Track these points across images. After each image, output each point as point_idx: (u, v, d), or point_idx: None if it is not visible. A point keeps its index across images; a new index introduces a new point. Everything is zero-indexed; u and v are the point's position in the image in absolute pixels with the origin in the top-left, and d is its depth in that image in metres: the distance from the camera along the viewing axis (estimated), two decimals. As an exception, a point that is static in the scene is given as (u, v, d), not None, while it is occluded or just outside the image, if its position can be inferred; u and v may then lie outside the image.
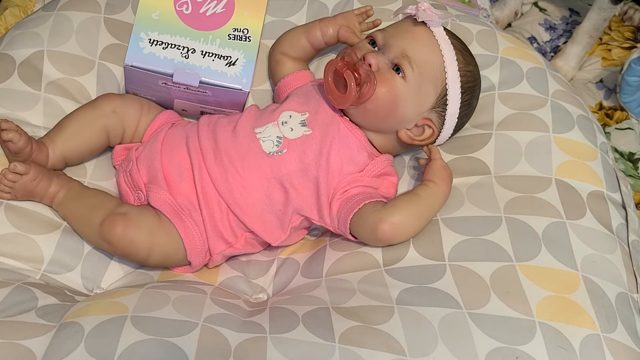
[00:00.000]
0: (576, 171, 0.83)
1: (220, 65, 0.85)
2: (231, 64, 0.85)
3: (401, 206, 0.76)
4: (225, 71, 0.85)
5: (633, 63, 1.23)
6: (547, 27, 1.46)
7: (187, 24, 0.85)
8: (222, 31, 0.86)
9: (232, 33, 0.86)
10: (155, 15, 0.84)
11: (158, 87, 0.86)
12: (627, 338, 0.70)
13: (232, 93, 0.85)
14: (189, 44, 0.85)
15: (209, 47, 0.85)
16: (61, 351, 0.63)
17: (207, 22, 0.86)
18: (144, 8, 0.85)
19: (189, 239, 0.78)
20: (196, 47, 0.85)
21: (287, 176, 0.79)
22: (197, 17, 0.85)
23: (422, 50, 0.79)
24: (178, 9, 0.85)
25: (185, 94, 0.87)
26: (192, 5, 0.86)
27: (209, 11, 0.86)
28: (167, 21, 0.85)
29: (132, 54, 0.83)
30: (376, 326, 0.68)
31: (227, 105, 0.89)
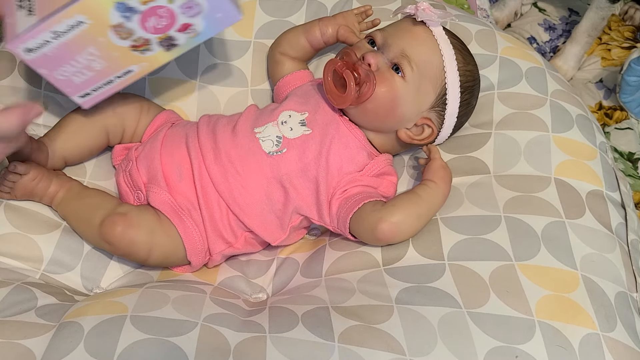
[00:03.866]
0: (575, 170, 0.84)
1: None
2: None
3: (400, 206, 0.76)
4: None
5: (633, 63, 1.23)
6: (546, 27, 1.46)
7: None
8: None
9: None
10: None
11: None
12: (627, 337, 0.70)
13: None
14: None
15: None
16: (61, 351, 0.63)
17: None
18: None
19: (189, 239, 0.78)
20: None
21: (286, 176, 0.79)
22: None
23: (422, 49, 0.79)
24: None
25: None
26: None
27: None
28: None
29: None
30: (376, 325, 0.68)
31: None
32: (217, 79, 0.93)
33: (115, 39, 0.70)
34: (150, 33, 0.70)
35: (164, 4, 0.68)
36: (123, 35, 0.69)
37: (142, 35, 0.70)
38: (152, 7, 0.68)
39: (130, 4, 0.67)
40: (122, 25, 0.68)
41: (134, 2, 0.67)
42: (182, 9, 0.69)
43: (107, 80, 0.74)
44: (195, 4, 0.69)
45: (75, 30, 0.67)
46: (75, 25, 0.67)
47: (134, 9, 0.67)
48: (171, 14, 0.69)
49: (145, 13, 0.68)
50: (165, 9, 0.68)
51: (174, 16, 0.69)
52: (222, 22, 0.72)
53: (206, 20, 0.71)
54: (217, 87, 0.93)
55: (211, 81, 0.93)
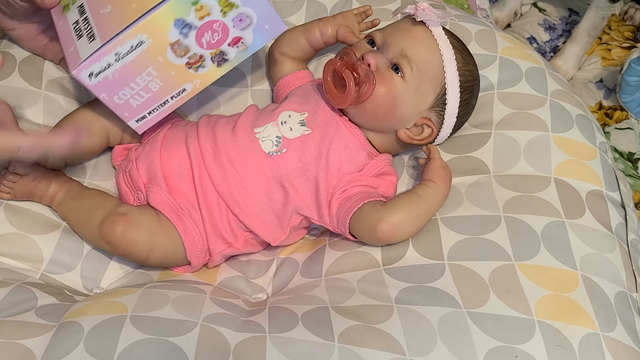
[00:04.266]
0: (575, 170, 0.83)
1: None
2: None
3: (400, 205, 0.76)
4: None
5: (633, 63, 1.23)
6: (546, 27, 1.47)
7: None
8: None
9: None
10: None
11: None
12: (627, 337, 0.70)
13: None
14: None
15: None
16: (61, 351, 0.63)
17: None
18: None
19: (189, 239, 0.78)
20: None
21: (286, 176, 0.79)
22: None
23: (421, 49, 0.79)
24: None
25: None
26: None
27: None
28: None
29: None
30: (375, 325, 0.68)
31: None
32: (217, 80, 0.93)
33: (172, 57, 0.72)
34: (204, 49, 0.73)
35: (219, 18, 0.70)
36: (180, 52, 0.72)
37: (197, 52, 0.72)
38: (208, 22, 0.70)
39: (188, 19, 0.69)
40: (179, 42, 0.71)
41: (191, 18, 0.69)
42: (234, 22, 0.72)
43: (162, 101, 0.76)
44: (246, 17, 0.72)
45: (137, 51, 0.70)
46: (137, 45, 0.69)
47: (191, 24, 0.70)
48: (224, 28, 0.72)
49: (201, 28, 0.71)
50: (219, 23, 0.71)
51: (226, 30, 0.72)
52: (269, 34, 0.75)
53: (255, 33, 0.74)
54: (217, 88, 0.93)
55: (211, 81, 0.93)
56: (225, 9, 0.70)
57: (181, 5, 0.68)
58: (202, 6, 0.69)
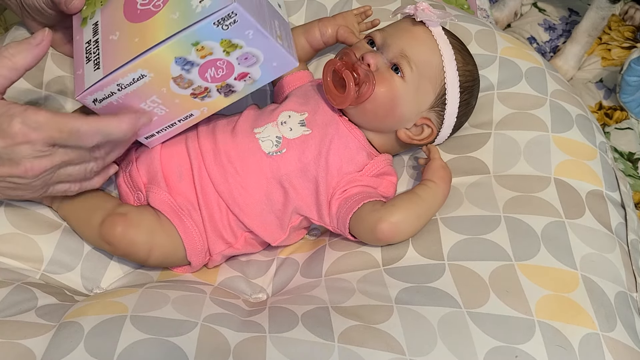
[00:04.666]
0: (575, 170, 0.83)
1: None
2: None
3: (400, 205, 0.76)
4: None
5: (633, 63, 1.24)
6: (546, 27, 1.47)
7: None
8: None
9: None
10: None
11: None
12: (627, 337, 0.70)
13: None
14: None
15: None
16: (61, 350, 0.63)
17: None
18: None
19: (189, 239, 0.78)
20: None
21: (286, 176, 0.79)
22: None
23: (421, 49, 0.79)
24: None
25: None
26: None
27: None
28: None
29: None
30: (375, 325, 0.68)
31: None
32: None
33: (176, 89, 0.72)
34: (209, 82, 0.72)
35: (222, 57, 0.70)
36: (183, 85, 0.72)
37: (202, 84, 0.72)
38: (211, 60, 0.70)
39: (189, 58, 0.69)
40: (182, 77, 0.71)
41: (192, 57, 0.69)
42: (239, 60, 0.71)
43: (170, 124, 0.77)
44: (252, 55, 0.71)
45: (139, 83, 0.70)
46: (139, 78, 0.69)
47: (193, 62, 0.69)
48: (229, 65, 0.71)
49: (204, 65, 0.70)
50: (223, 61, 0.71)
51: (231, 67, 0.72)
52: (278, 70, 0.74)
53: (262, 69, 0.73)
54: (217, 88, 0.93)
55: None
56: (228, 50, 0.69)
57: (181, 45, 0.68)
58: (204, 47, 0.68)
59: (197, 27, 0.67)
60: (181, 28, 0.67)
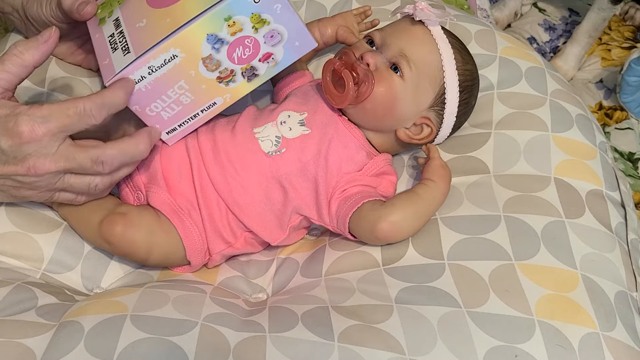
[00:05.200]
0: (575, 170, 0.83)
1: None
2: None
3: (400, 205, 0.76)
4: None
5: (633, 63, 1.24)
6: (546, 27, 1.47)
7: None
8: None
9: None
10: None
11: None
12: (627, 336, 0.70)
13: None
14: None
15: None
16: (61, 350, 0.63)
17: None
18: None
19: (189, 239, 0.78)
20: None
21: (286, 176, 0.79)
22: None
23: (420, 49, 0.79)
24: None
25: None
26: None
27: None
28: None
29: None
30: (375, 325, 0.68)
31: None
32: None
33: (204, 71, 0.72)
34: (235, 64, 0.73)
35: (250, 34, 0.71)
36: (211, 67, 0.72)
37: (228, 66, 0.73)
38: (240, 37, 0.71)
39: (220, 35, 0.69)
40: (211, 57, 0.71)
41: (223, 34, 0.69)
42: (266, 39, 0.72)
43: (193, 114, 0.77)
44: (277, 33, 0.72)
45: (170, 65, 0.70)
46: (170, 59, 0.70)
47: (224, 40, 0.70)
48: (256, 44, 0.72)
49: (233, 44, 0.71)
50: (251, 39, 0.71)
51: (258, 46, 0.72)
52: (299, 50, 0.75)
53: (285, 49, 0.74)
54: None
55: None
56: (257, 25, 0.70)
57: (214, 20, 0.68)
58: (235, 22, 0.69)
59: (230, 1, 0.67)
60: (214, 2, 0.68)
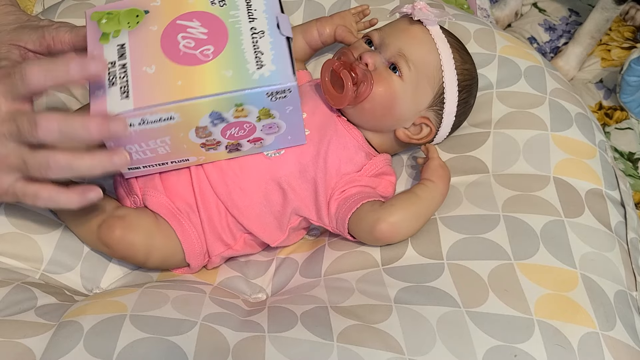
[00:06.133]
0: (574, 169, 0.83)
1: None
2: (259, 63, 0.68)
3: (399, 205, 0.76)
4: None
5: (633, 63, 1.24)
6: (546, 27, 1.47)
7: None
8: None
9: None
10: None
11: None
12: (626, 336, 0.70)
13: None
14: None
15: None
16: (60, 350, 0.63)
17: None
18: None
19: (187, 242, 0.78)
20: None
21: (285, 177, 0.79)
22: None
23: (419, 49, 0.79)
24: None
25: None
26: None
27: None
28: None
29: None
30: (374, 325, 0.68)
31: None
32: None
33: (192, 137, 0.71)
34: (225, 138, 0.72)
35: (252, 121, 0.70)
36: (201, 135, 0.71)
37: (217, 138, 0.72)
38: (241, 121, 0.70)
39: (224, 115, 0.68)
40: (205, 128, 0.70)
41: (228, 115, 0.69)
42: (264, 128, 0.72)
43: (161, 162, 0.74)
44: (277, 126, 0.72)
45: (163, 123, 0.68)
46: (165, 119, 0.67)
47: (225, 119, 0.69)
48: (252, 129, 0.72)
49: (232, 124, 0.70)
50: (250, 125, 0.71)
51: (253, 131, 0.72)
52: (288, 143, 0.76)
53: (276, 138, 0.75)
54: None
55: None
56: (262, 117, 0.70)
57: (226, 102, 0.67)
58: (244, 109, 0.68)
59: (249, 92, 0.66)
60: (234, 89, 0.66)
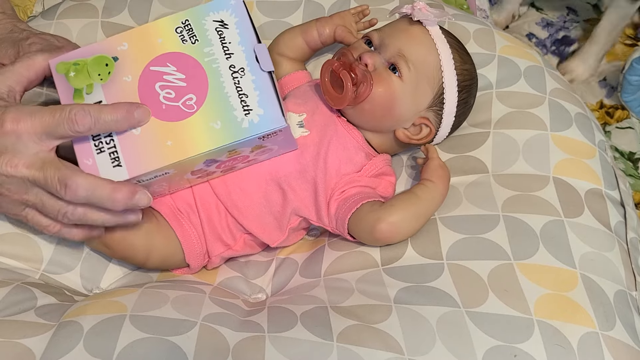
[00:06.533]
0: (574, 169, 0.83)
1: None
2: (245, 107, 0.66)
3: (399, 206, 0.76)
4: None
5: (635, 62, 1.24)
6: (544, 25, 1.47)
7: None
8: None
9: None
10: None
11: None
12: (626, 336, 0.70)
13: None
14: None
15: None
16: (60, 350, 0.63)
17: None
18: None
19: (187, 242, 0.78)
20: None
21: (285, 177, 0.79)
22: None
23: (418, 49, 0.79)
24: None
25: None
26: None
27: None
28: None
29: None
30: (374, 325, 0.68)
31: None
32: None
33: (188, 176, 0.72)
34: (220, 169, 0.73)
35: (246, 154, 0.70)
36: (197, 174, 0.72)
37: (212, 171, 0.73)
38: (234, 157, 0.70)
39: (217, 159, 0.68)
40: (200, 170, 0.70)
41: (221, 158, 0.69)
42: (257, 154, 0.72)
43: (158, 189, 0.74)
44: (268, 149, 0.72)
45: (158, 177, 0.67)
46: (160, 175, 0.67)
47: (219, 161, 0.69)
48: (244, 158, 0.72)
49: (226, 161, 0.70)
50: (244, 157, 0.71)
51: (246, 159, 0.73)
52: (278, 153, 0.77)
53: (269, 156, 0.76)
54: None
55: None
56: (254, 150, 0.70)
57: (219, 152, 0.67)
58: (237, 151, 0.68)
59: (242, 141, 0.66)
60: (227, 143, 0.65)
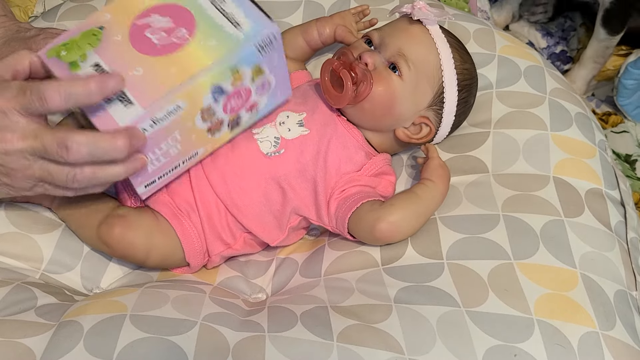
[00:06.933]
0: (574, 169, 0.83)
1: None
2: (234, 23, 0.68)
3: (399, 205, 0.76)
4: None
5: (630, 66, 1.25)
6: (544, 33, 1.48)
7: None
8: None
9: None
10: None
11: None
12: (626, 335, 0.70)
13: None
14: None
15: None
16: (60, 349, 0.63)
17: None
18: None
19: (187, 241, 0.78)
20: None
21: (284, 176, 0.79)
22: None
23: (418, 48, 0.80)
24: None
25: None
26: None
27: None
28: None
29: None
30: (374, 325, 0.68)
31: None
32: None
33: (199, 122, 0.70)
34: (227, 114, 0.72)
35: (247, 84, 0.70)
36: (206, 117, 0.70)
37: (220, 117, 0.72)
38: (238, 88, 0.70)
39: (224, 85, 0.68)
40: (209, 108, 0.70)
41: (227, 84, 0.69)
42: (258, 89, 0.72)
43: (174, 166, 0.73)
44: (268, 83, 0.72)
45: (171, 117, 0.67)
46: (173, 111, 0.66)
47: (225, 90, 0.69)
48: (248, 93, 0.72)
49: (231, 94, 0.70)
50: (246, 89, 0.71)
51: (249, 95, 0.72)
52: (277, 100, 0.76)
53: (268, 98, 0.75)
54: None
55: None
56: (254, 76, 0.70)
57: (223, 70, 0.67)
58: (239, 73, 0.68)
59: (242, 51, 0.67)
60: (226, 52, 0.66)
